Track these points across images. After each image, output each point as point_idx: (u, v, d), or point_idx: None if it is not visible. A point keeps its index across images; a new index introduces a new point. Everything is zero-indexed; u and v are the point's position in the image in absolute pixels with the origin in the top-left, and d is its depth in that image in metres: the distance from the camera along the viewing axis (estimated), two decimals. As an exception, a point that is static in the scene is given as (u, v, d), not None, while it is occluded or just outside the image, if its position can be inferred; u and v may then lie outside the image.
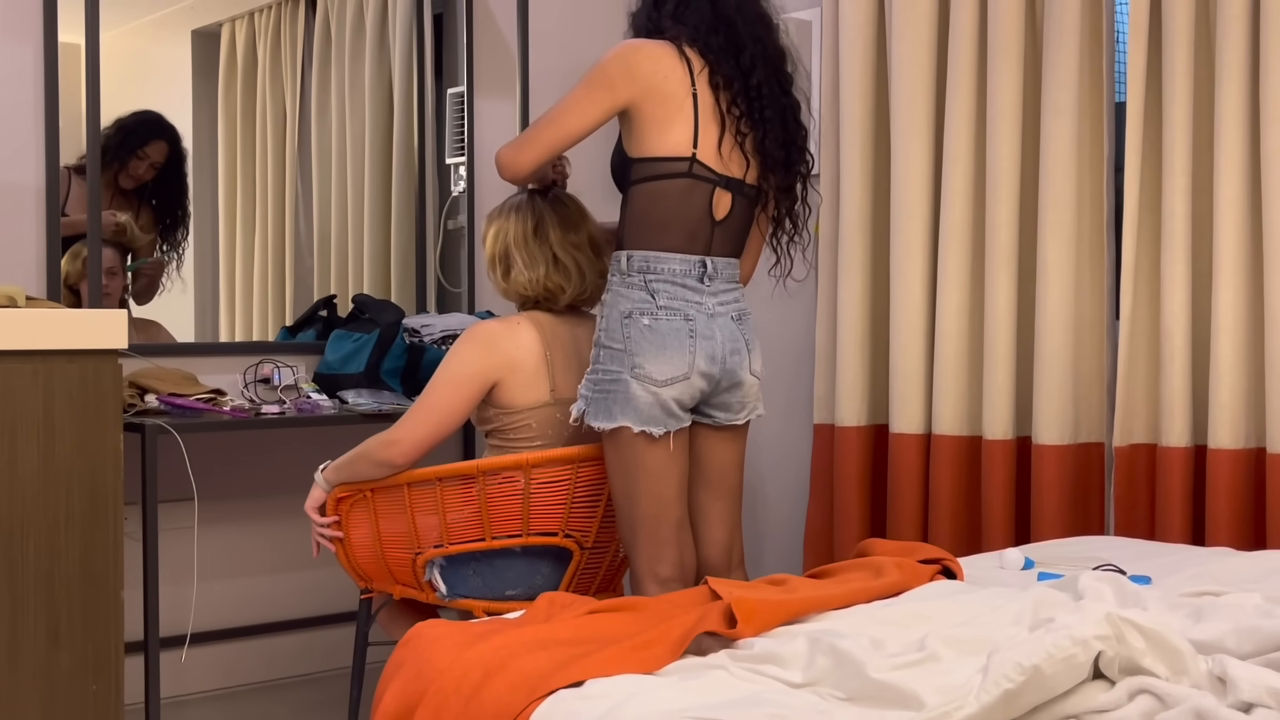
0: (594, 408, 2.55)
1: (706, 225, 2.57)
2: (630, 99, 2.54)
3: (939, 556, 2.28)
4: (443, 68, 3.91)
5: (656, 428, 2.52)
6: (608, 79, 2.54)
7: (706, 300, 2.57)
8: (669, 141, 2.54)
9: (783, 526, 3.79)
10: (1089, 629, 1.54)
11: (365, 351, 3.40)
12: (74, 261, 3.22)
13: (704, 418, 2.65)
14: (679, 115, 2.54)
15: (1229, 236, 2.81)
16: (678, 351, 2.52)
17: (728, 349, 2.58)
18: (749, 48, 2.59)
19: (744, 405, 2.66)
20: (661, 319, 2.52)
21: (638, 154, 2.57)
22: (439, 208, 3.89)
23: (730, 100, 2.57)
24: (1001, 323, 3.16)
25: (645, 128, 2.55)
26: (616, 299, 2.56)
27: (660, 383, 2.51)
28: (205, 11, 3.62)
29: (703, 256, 2.57)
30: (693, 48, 2.58)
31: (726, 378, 2.59)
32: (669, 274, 2.54)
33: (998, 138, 3.15)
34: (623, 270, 2.57)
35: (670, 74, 2.54)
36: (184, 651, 3.27)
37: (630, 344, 2.52)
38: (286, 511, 3.42)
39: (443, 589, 2.67)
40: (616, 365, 2.52)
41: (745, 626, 1.83)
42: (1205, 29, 2.90)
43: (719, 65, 2.57)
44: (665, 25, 2.62)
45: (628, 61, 2.54)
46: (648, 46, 2.57)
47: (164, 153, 3.45)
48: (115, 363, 2.55)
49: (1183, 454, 2.90)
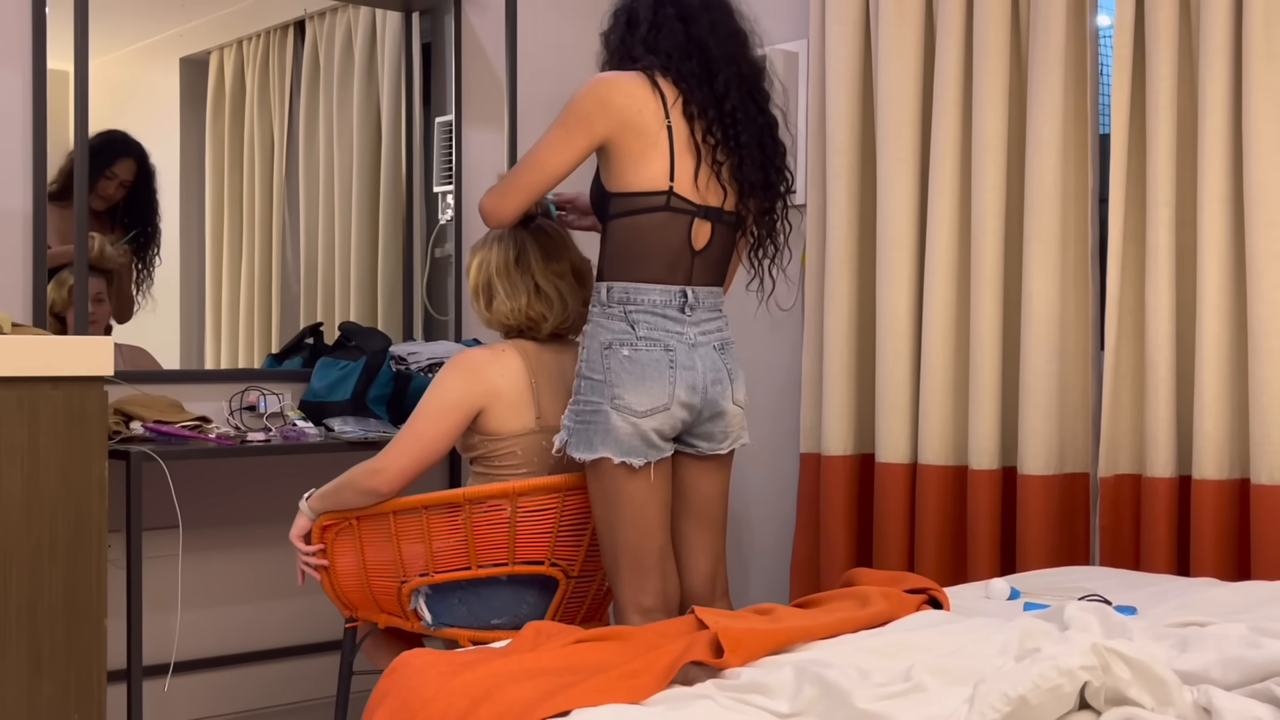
0: (575, 438, 2.54)
1: (686, 256, 2.57)
2: (606, 135, 2.53)
3: (925, 586, 2.28)
4: (431, 96, 3.92)
5: (637, 459, 2.51)
6: (583, 116, 2.54)
7: (688, 330, 2.56)
8: (645, 175, 2.54)
9: (769, 555, 3.79)
10: (1075, 659, 1.55)
11: (351, 379, 3.39)
12: (60, 289, 3.21)
13: (687, 447, 2.64)
14: (654, 149, 2.53)
15: (1212, 268, 2.83)
16: (657, 382, 2.51)
17: (709, 379, 2.57)
18: (723, 71, 2.57)
19: (727, 435, 2.65)
20: (641, 349, 2.52)
21: (615, 188, 2.57)
22: (426, 236, 3.89)
23: (705, 129, 2.56)
24: (987, 353, 3.17)
25: (621, 162, 2.55)
26: (597, 330, 2.56)
27: (640, 413, 2.51)
28: (194, 39, 3.63)
29: (683, 286, 2.57)
30: (665, 77, 2.56)
31: (709, 408, 2.59)
32: (649, 305, 2.54)
33: (983, 169, 3.17)
34: (603, 301, 2.56)
35: (644, 108, 2.53)
36: (167, 680, 3.25)
37: (610, 375, 2.51)
38: (271, 540, 3.41)
39: (428, 618, 2.66)
40: (597, 396, 2.52)
41: (732, 656, 1.83)
42: (1189, 62, 2.93)
43: (692, 94, 2.56)
44: (638, 53, 2.60)
45: (601, 97, 2.53)
46: (620, 80, 2.56)
47: (132, 170, 3.44)
48: (101, 390, 2.54)
49: (1167, 484, 2.91)
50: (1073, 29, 3.09)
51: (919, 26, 3.33)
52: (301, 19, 3.74)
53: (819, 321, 3.52)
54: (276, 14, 3.71)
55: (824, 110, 3.50)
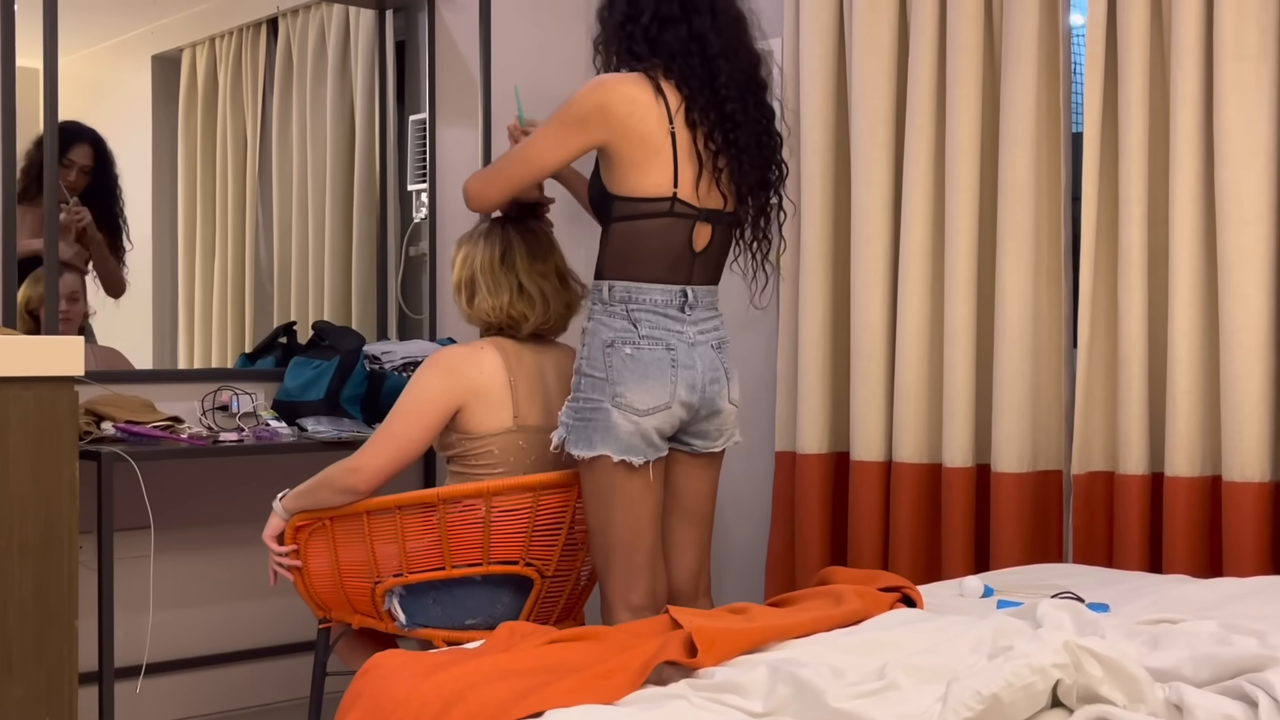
0: (574, 435, 2.54)
1: (687, 257, 2.56)
2: (605, 140, 2.51)
3: (899, 584, 2.28)
4: (405, 94, 3.90)
5: (637, 457, 2.51)
6: (581, 120, 2.51)
7: (687, 329, 2.56)
8: (649, 182, 2.52)
9: (744, 554, 3.79)
10: (1047, 657, 1.55)
11: (325, 379, 3.38)
12: (35, 286, 3.18)
13: (681, 445, 2.64)
14: (658, 156, 2.51)
15: (1184, 266, 2.84)
16: (659, 381, 2.51)
17: (708, 378, 2.57)
18: (724, 69, 2.54)
19: (721, 433, 2.66)
20: (644, 348, 2.52)
21: (617, 192, 2.54)
22: (400, 234, 3.88)
23: (707, 135, 2.53)
24: (961, 351, 3.18)
25: (624, 168, 2.53)
26: (598, 328, 2.55)
27: (642, 412, 2.50)
28: (166, 37, 3.61)
29: (683, 286, 2.56)
30: (669, 80, 2.53)
31: (706, 406, 2.59)
32: (650, 304, 2.54)
33: (956, 167, 3.18)
34: (604, 300, 2.55)
35: (647, 114, 2.50)
36: (139, 682, 3.23)
37: (612, 373, 2.51)
38: (244, 540, 3.39)
39: (402, 618, 2.65)
40: (598, 394, 2.51)
41: (706, 655, 1.83)
42: (1160, 61, 2.94)
43: (695, 99, 2.52)
44: (640, 49, 2.55)
45: (602, 103, 2.50)
46: (623, 86, 2.52)
47: (90, 155, 3.39)
48: (71, 390, 2.52)
49: (1140, 481, 2.92)
50: (1045, 28, 3.10)
51: (893, 25, 3.34)
52: (274, 16, 3.73)
53: (794, 320, 3.53)
54: (249, 11, 3.69)
55: (799, 107, 3.50)
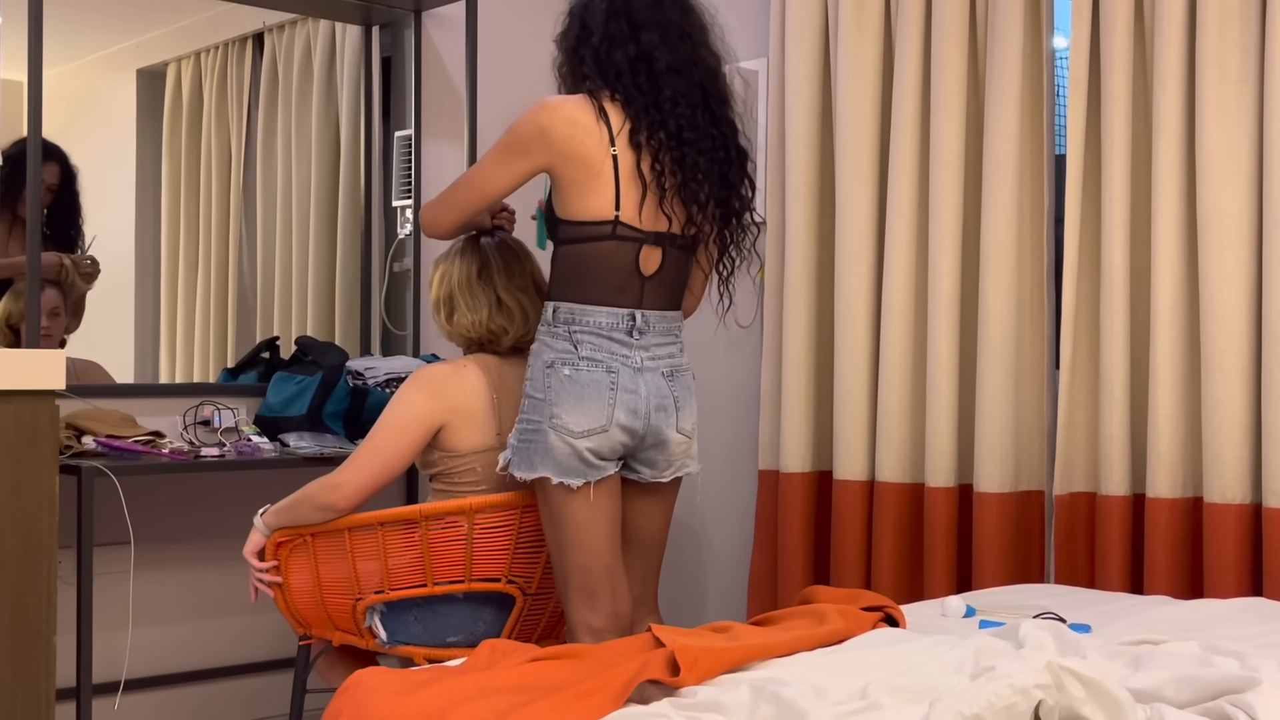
0: (517, 457, 2.53)
1: (635, 280, 2.53)
2: (547, 163, 2.50)
3: (881, 604, 2.28)
4: (390, 110, 3.91)
5: (575, 479, 2.48)
6: (522, 145, 2.50)
7: (635, 354, 2.52)
8: (590, 205, 2.50)
9: (727, 572, 3.78)
10: (1029, 677, 1.55)
11: (308, 394, 3.37)
12: (17, 301, 3.18)
13: (630, 472, 2.60)
14: (598, 179, 2.48)
15: (1166, 288, 2.86)
16: (595, 403, 2.48)
17: (652, 404, 2.53)
18: (671, 85, 2.49)
19: (670, 463, 2.61)
20: (582, 369, 2.49)
21: (563, 215, 2.54)
22: (385, 250, 3.88)
23: (653, 156, 2.49)
24: (944, 371, 3.19)
25: (566, 191, 2.51)
26: (541, 349, 2.54)
27: (576, 434, 2.47)
28: (151, 51, 3.61)
29: (632, 310, 2.52)
30: (614, 102, 2.51)
31: (651, 434, 2.54)
32: (595, 326, 2.51)
33: (940, 188, 3.19)
34: (549, 321, 2.54)
35: (587, 138, 2.48)
36: (118, 699, 3.21)
37: (550, 394, 2.49)
38: (225, 556, 3.38)
39: (383, 635, 2.64)
40: (537, 415, 2.50)
41: (688, 674, 1.82)
42: (1143, 84, 2.96)
43: (640, 119, 2.49)
44: (588, 70, 2.53)
45: (542, 125, 2.48)
46: (563, 108, 2.50)
47: (56, 174, 3.39)
48: (52, 404, 2.51)
49: (1121, 502, 2.93)
50: (1029, 50, 3.11)
51: (878, 46, 3.35)
52: (260, 31, 3.72)
53: (777, 338, 3.53)
54: (235, 26, 3.69)
55: (783, 128, 3.51)
